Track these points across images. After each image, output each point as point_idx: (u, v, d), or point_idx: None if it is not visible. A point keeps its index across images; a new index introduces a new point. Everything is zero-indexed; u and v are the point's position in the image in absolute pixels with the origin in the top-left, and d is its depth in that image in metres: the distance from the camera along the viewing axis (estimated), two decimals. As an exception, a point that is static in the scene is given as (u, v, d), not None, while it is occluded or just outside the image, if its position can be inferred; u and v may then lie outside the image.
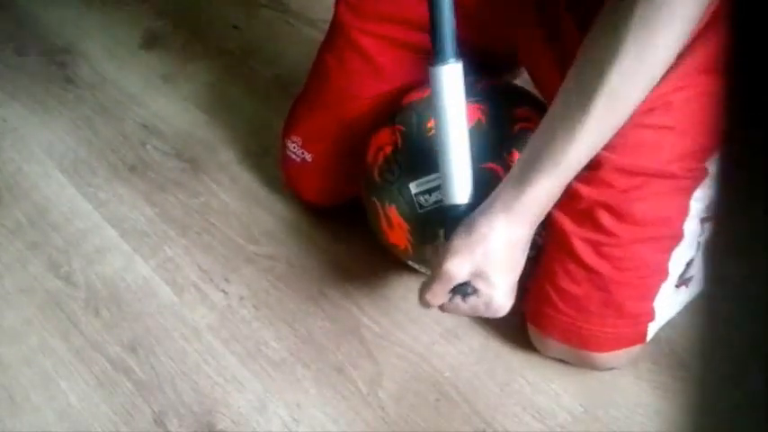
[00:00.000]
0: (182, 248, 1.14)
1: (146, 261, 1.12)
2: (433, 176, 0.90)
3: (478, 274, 0.81)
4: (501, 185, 0.82)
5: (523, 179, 0.80)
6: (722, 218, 0.24)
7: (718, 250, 0.25)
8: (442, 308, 0.86)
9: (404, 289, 1.06)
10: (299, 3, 1.64)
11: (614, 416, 0.92)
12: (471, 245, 0.80)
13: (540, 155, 0.79)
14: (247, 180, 1.24)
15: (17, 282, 1.11)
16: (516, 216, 0.80)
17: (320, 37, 1.07)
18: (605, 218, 0.85)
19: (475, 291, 0.82)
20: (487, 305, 0.83)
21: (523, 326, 0.97)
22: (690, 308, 0.95)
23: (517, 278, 0.84)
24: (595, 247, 0.86)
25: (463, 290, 0.83)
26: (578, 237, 0.86)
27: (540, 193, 0.80)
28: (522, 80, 1.12)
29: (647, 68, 0.75)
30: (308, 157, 1.09)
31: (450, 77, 0.81)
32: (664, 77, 0.77)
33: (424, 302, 0.85)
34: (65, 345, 1.02)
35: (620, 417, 0.91)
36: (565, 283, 0.88)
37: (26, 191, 1.25)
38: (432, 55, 0.81)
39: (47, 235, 1.17)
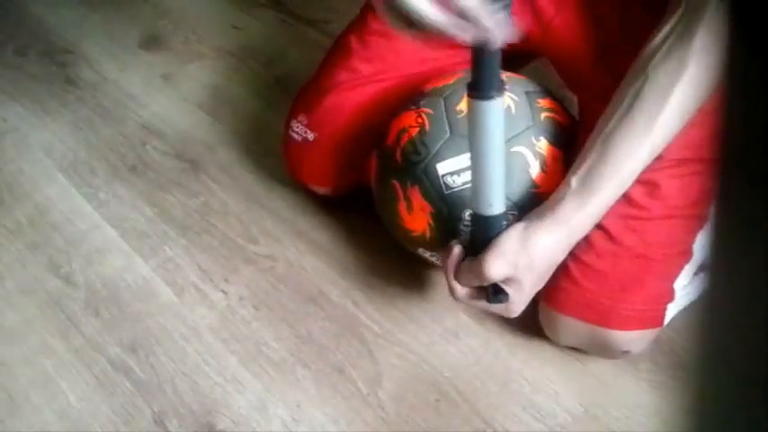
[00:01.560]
0: (182, 248, 1.14)
1: (146, 261, 1.12)
2: (461, 157, 0.90)
3: (513, 280, 0.83)
4: (556, 198, 0.83)
5: (585, 189, 0.82)
6: (721, 215, 0.24)
7: (717, 249, 0.25)
8: (458, 296, 0.87)
9: (404, 289, 1.06)
10: (298, 3, 1.64)
11: (614, 416, 0.92)
12: (521, 252, 0.82)
13: (607, 162, 0.81)
14: (247, 180, 1.24)
15: (17, 282, 1.11)
16: (572, 231, 0.83)
17: (320, 37, 1.07)
18: (637, 192, 0.87)
19: (504, 294, 0.84)
20: (507, 307, 0.86)
21: (525, 325, 0.97)
22: (689, 308, 0.95)
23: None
24: (624, 219, 0.88)
25: (497, 298, 0.84)
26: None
27: (601, 205, 0.82)
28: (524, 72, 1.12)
29: (706, 87, 0.80)
30: (311, 136, 1.09)
31: (494, 110, 0.79)
32: None
33: (453, 292, 0.87)
34: (65, 345, 1.02)
35: (620, 417, 0.91)
36: (588, 257, 0.89)
37: (26, 191, 1.25)
38: (473, 87, 0.77)
39: (47, 235, 1.17)
